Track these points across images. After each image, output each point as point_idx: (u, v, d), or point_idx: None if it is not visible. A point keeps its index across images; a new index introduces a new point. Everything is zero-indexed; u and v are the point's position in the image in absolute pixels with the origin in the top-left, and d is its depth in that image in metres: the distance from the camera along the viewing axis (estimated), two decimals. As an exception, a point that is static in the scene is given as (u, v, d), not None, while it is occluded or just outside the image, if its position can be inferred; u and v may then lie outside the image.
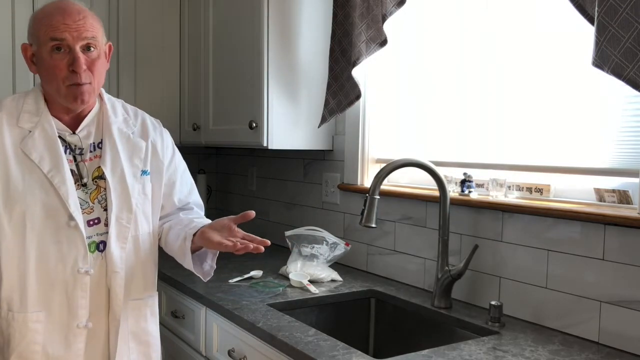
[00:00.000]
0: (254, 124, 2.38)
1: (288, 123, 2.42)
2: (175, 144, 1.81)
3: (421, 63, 2.18)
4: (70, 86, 1.48)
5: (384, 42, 2.11)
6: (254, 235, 1.51)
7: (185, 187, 1.78)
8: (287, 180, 2.85)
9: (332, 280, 2.19)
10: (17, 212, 1.48)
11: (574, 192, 1.72)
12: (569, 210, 1.64)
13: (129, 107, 1.72)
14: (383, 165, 2.07)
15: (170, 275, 2.20)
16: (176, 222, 1.71)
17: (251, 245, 1.45)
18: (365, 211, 1.79)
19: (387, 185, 2.21)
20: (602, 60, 1.41)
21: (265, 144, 2.37)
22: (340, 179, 2.50)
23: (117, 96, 1.83)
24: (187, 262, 1.63)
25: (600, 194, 1.65)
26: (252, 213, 1.51)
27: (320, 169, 2.62)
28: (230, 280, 2.15)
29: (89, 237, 1.53)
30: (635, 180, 1.57)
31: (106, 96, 1.65)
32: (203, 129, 2.78)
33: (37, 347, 1.50)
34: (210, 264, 1.69)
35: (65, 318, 1.52)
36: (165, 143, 1.73)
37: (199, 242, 1.57)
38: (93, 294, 1.54)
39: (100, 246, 1.55)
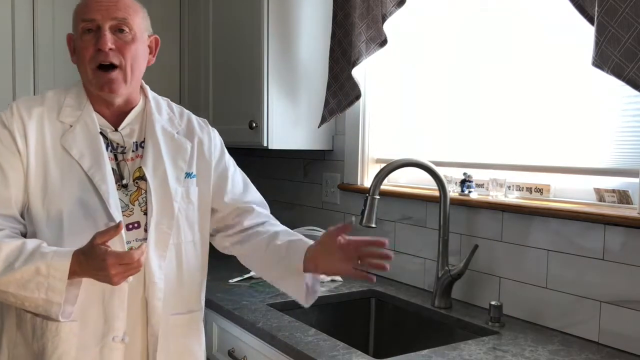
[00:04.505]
0: (254, 124, 2.37)
1: (288, 123, 2.42)
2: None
3: (421, 63, 2.18)
4: (96, 71, 1.40)
5: (384, 42, 2.11)
6: (371, 242, 1.38)
7: (237, 188, 1.64)
8: (287, 180, 2.85)
9: (332, 280, 2.18)
10: (54, 211, 1.38)
11: (574, 192, 1.72)
12: (569, 210, 1.64)
13: (175, 105, 1.62)
14: (383, 165, 2.07)
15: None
16: (264, 241, 1.57)
17: (381, 264, 1.36)
18: (366, 211, 1.79)
19: (387, 185, 2.21)
20: (602, 60, 1.41)
21: (265, 144, 2.37)
22: (340, 179, 2.49)
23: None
24: (296, 285, 1.49)
25: (600, 194, 1.65)
26: (350, 225, 1.37)
27: (320, 169, 2.62)
28: (230, 280, 2.15)
29: (127, 242, 1.40)
30: (635, 180, 1.57)
31: (151, 94, 1.57)
32: (203, 129, 2.78)
33: (70, 359, 1.38)
34: (313, 281, 1.51)
35: (100, 330, 1.39)
36: (213, 143, 1.61)
37: (311, 269, 1.46)
38: (130, 306, 1.41)
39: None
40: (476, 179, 1.95)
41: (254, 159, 3.11)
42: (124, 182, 1.45)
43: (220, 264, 2.39)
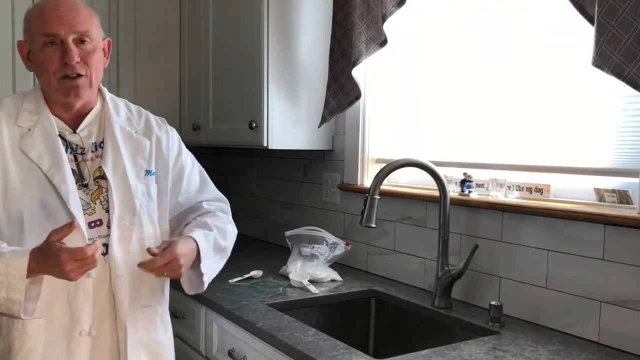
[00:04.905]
0: (254, 124, 2.37)
1: (288, 123, 2.42)
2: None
3: (421, 63, 2.18)
4: (62, 79, 1.44)
5: (384, 42, 2.11)
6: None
7: (193, 186, 1.70)
8: (287, 180, 2.85)
9: (332, 280, 2.18)
10: (15, 212, 1.42)
11: (574, 192, 1.72)
12: (569, 210, 1.64)
13: (133, 106, 1.67)
14: (383, 165, 2.07)
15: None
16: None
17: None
18: (366, 211, 1.79)
19: (387, 185, 2.21)
20: (602, 60, 1.41)
21: (265, 144, 2.37)
22: (340, 179, 2.49)
23: (117, 96, 1.82)
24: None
25: (600, 194, 1.65)
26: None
27: (320, 169, 2.62)
28: (230, 280, 2.15)
29: (90, 239, 1.43)
30: (635, 180, 1.57)
31: (108, 95, 1.60)
32: (203, 129, 2.78)
33: (37, 356, 1.42)
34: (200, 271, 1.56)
35: (66, 325, 1.44)
36: (171, 141, 1.65)
37: None
38: (96, 300, 1.46)
39: (102, 249, 1.45)
40: (476, 179, 1.95)
41: (254, 159, 3.11)
42: (85, 182, 1.49)
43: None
